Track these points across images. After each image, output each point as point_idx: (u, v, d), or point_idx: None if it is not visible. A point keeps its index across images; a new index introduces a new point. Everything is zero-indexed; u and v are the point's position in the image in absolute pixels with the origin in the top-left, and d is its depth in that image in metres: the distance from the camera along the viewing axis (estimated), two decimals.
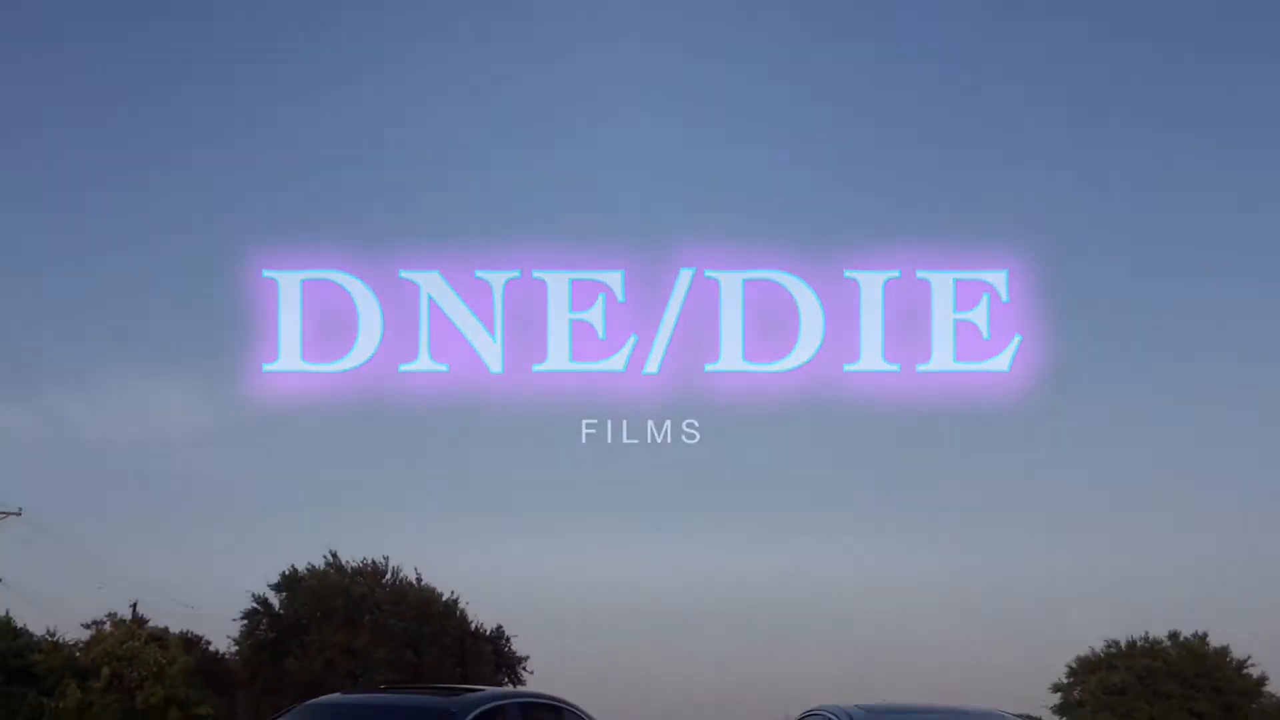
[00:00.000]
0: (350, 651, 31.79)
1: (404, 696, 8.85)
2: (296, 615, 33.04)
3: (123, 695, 20.67)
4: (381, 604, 32.90)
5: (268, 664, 32.38)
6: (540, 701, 9.00)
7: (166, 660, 21.70)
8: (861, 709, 8.11)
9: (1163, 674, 34.50)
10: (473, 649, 33.91)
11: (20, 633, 21.62)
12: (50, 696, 20.29)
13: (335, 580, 33.60)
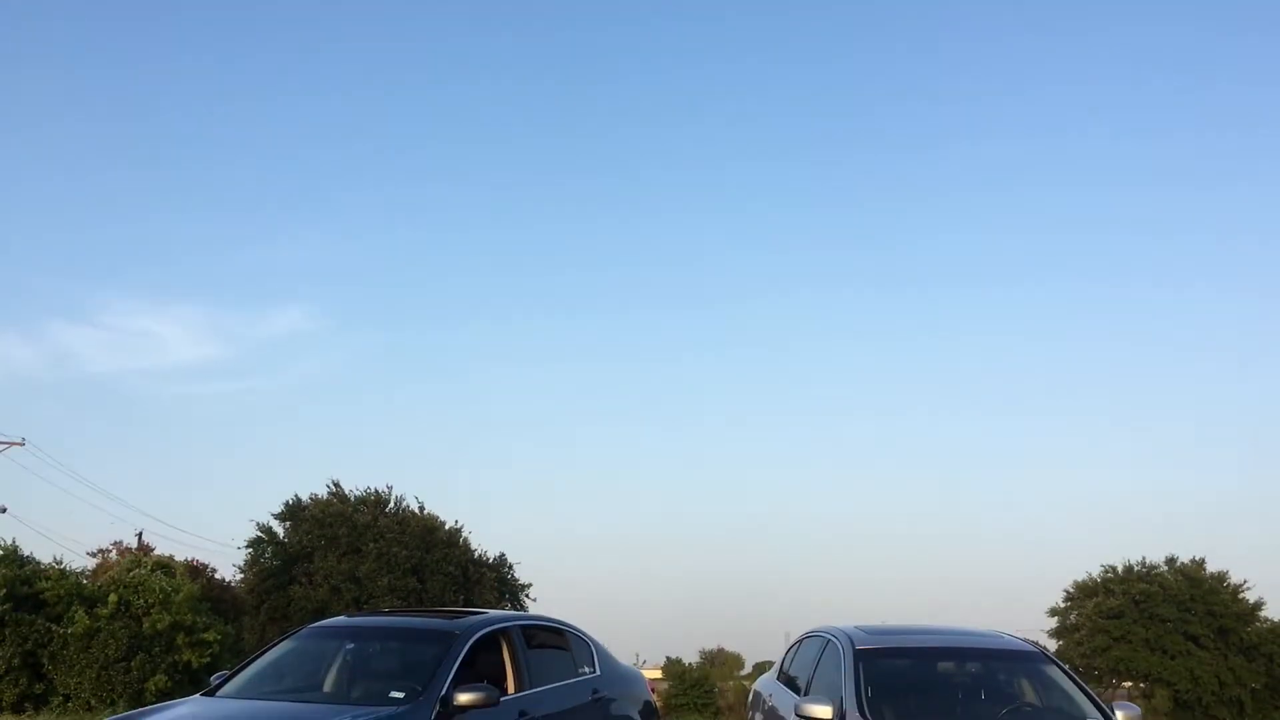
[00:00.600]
0: (354, 579, 32.07)
1: (408, 619, 8.92)
2: (301, 544, 33.30)
3: (130, 622, 20.83)
4: (384, 532, 33.12)
5: (273, 591, 32.70)
6: (542, 624, 9.09)
7: (172, 588, 21.85)
8: (861, 629, 8.17)
9: (1159, 598, 34.84)
10: (475, 576, 34.19)
11: (27, 561, 21.74)
12: (58, 623, 20.45)
13: (338, 509, 33.81)
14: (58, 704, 19.65)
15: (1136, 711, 7.23)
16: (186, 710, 7.05)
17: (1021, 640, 8.25)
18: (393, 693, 7.01)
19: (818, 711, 7.14)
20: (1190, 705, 33.23)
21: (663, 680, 46.38)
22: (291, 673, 7.81)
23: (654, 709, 9.73)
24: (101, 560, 34.43)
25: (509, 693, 7.66)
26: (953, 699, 7.58)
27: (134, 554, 32.68)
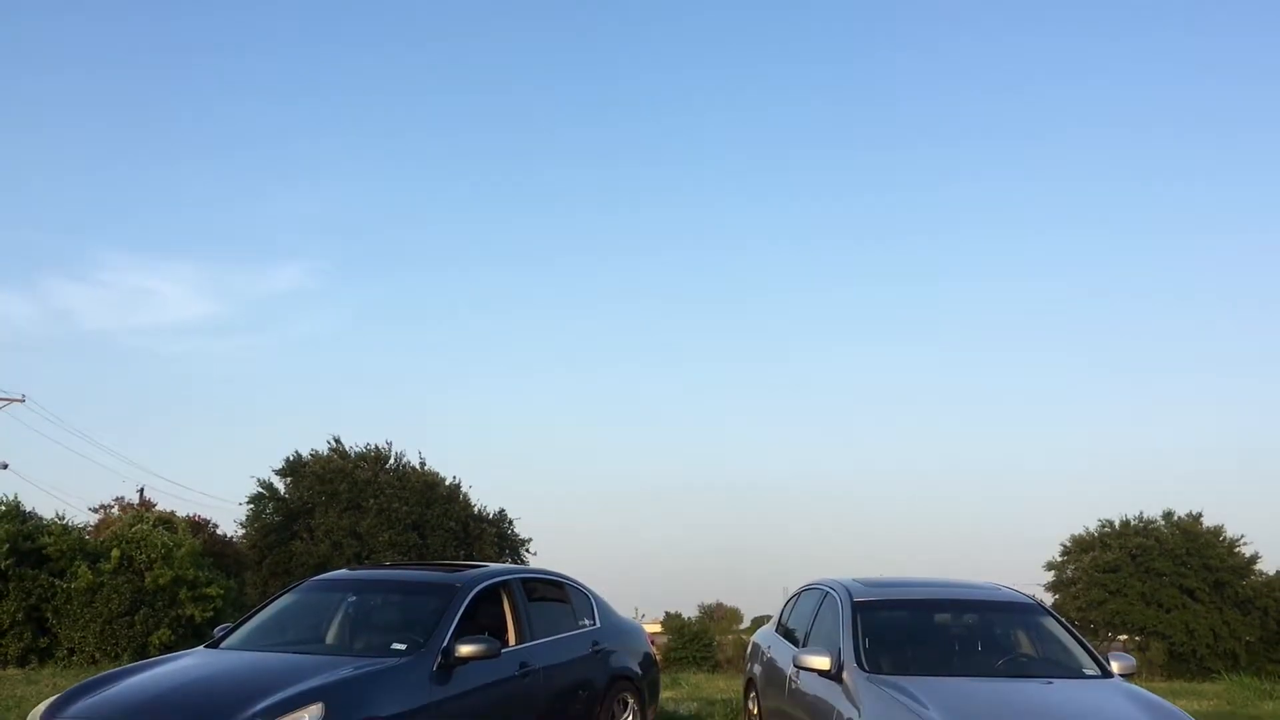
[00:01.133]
0: (355, 534, 32.24)
1: (410, 572, 8.97)
2: (302, 499, 33.44)
3: (133, 576, 20.94)
4: (385, 488, 33.24)
5: (275, 547, 32.88)
6: (542, 577, 9.14)
7: (175, 543, 21.93)
8: (859, 582, 8.22)
9: (1155, 552, 35.04)
10: (476, 531, 34.36)
11: (29, 516, 21.80)
12: (61, 578, 20.56)
13: (339, 465, 33.91)
14: (62, 657, 19.79)
15: (1132, 662, 7.30)
16: (190, 662, 7.11)
17: (1018, 593, 8.31)
18: (395, 644, 7.06)
19: (816, 662, 7.20)
20: (1185, 658, 33.52)
21: (662, 634, 46.79)
22: (294, 625, 7.87)
23: (654, 661, 9.82)
24: (103, 516, 34.61)
25: (510, 645, 7.73)
26: (949, 650, 7.65)
27: (136, 510, 32.81)
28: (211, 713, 5.83)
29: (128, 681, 6.54)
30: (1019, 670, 7.24)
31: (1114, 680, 7.01)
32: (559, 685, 8.09)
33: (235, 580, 26.85)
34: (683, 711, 11.64)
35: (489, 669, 7.25)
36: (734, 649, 42.55)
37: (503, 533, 35.79)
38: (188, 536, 23.58)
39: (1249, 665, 29.05)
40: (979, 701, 6.34)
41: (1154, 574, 34.77)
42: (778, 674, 8.55)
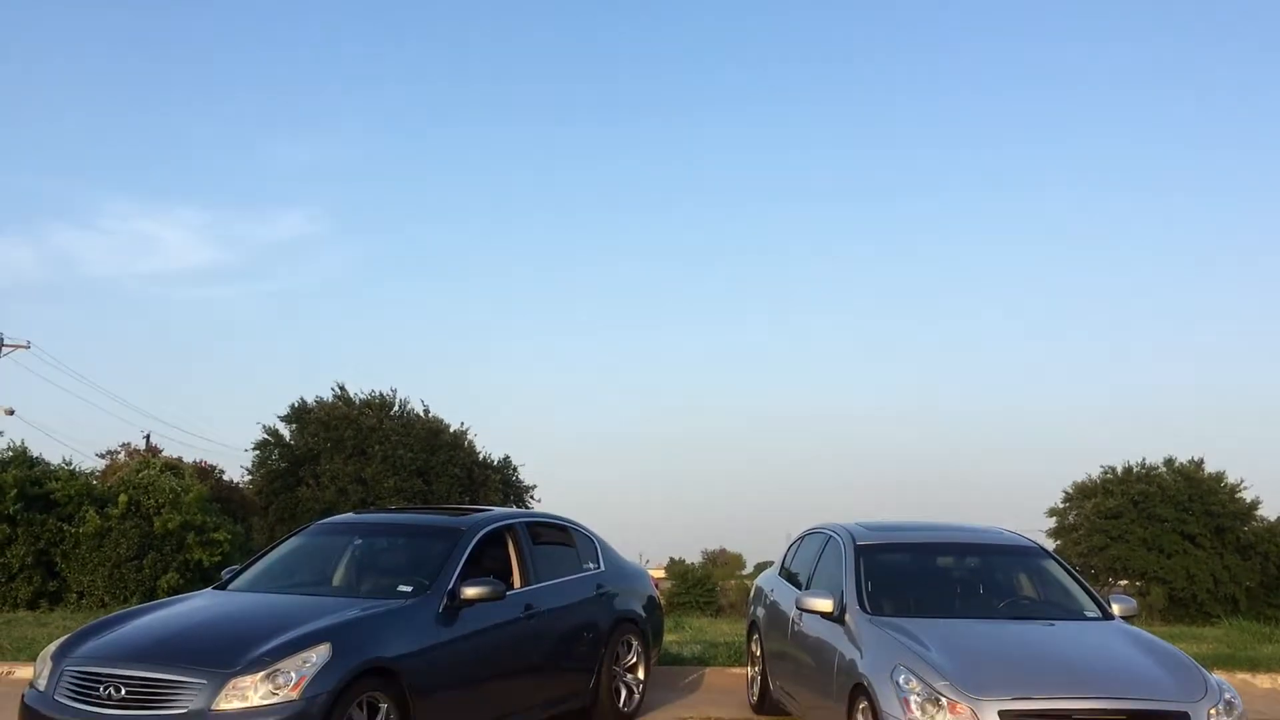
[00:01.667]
0: (361, 480, 32.41)
1: (416, 515, 9.03)
2: (307, 446, 33.59)
3: (140, 521, 21.06)
4: (389, 435, 33.36)
5: (281, 493, 33.09)
6: (547, 520, 9.19)
7: (182, 488, 22.04)
8: (862, 525, 8.26)
9: (1157, 498, 35.14)
10: (480, 478, 34.52)
11: (36, 461, 21.88)
12: (70, 522, 20.68)
13: (343, 412, 34.02)
14: (72, 600, 19.97)
15: (1133, 605, 7.35)
16: (199, 603, 7.18)
17: (1020, 536, 8.34)
18: (401, 587, 7.12)
19: (818, 605, 7.26)
20: (1185, 602, 33.75)
21: (666, 579, 47.14)
22: (301, 567, 7.94)
23: (657, 604, 9.89)
24: (110, 461, 34.75)
25: (515, 587, 7.79)
26: (951, 592, 7.70)
27: (142, 455, 32.95)
28: (220, 652, 5.89)
29: (137, 622, 6.62)
30: (1020, 612, 7.29)
31: (1115, 622, 7.06)
32: (563, 627, 8.17)
33: (242, 526, 27.01)
34: (686, 654, 11.75)
35: (494, 611, 7.31)
36: (737, 594, 42.85)
37: (507, 479, 35.95)
38: (195, 482, 23.70)
39: (1249, 610, 29.22)
40: (980, 643, 6.39)
41: (1156, 520, 34.90)
42: (780, 617, 8.61)
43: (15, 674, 10.46)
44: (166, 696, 5.67)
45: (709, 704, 9.68)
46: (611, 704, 8.63)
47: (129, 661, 5.92)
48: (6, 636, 12.37)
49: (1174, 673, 6.06)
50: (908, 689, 5.83)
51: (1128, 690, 5.75)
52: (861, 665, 6.39)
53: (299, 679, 5.72)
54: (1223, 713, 5.76)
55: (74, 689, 5.89)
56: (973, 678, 5.80)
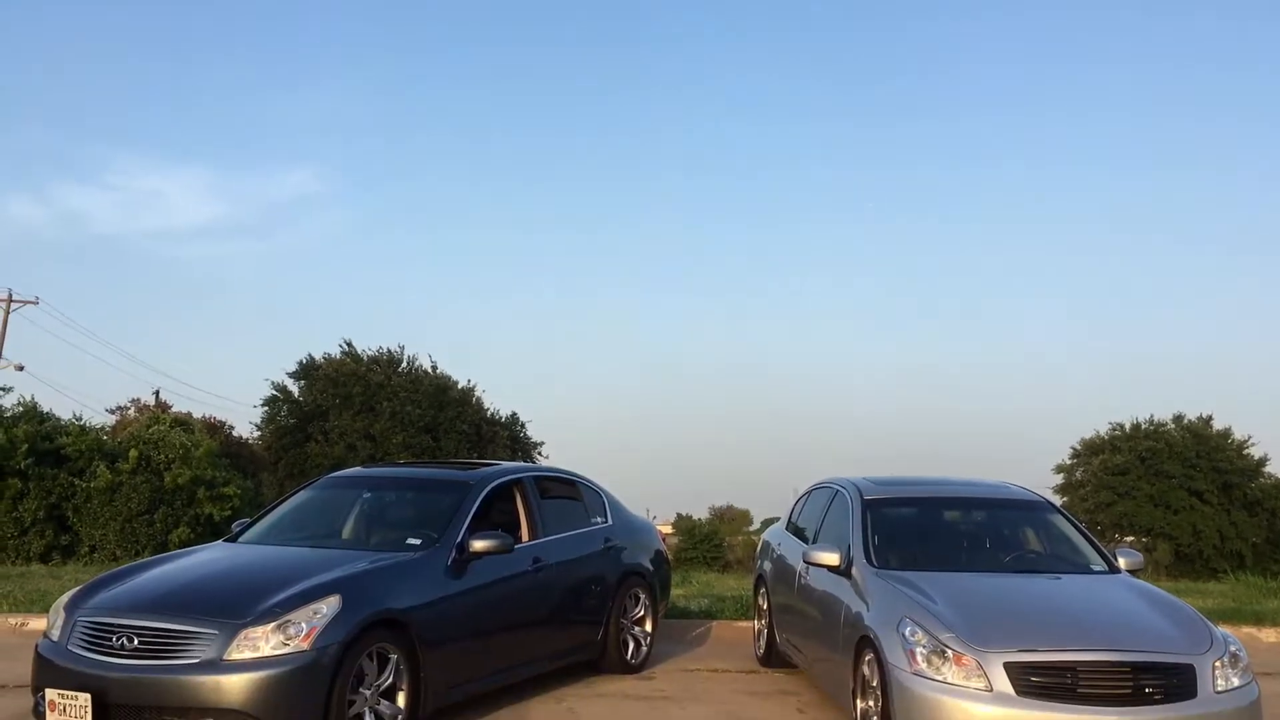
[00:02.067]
0: (370, 437, 32.52)
1: (425, 469, 9.06)
2: (315, 402, 33.67)
3: (151, 476, 21.22)
4: (398, 391, 33.42)
5: (290, 448, 33.22)
6: (555, 475, 9.22)
7: (192, 443, 22.19)
8: (869, 480, 8.26)
9: (1164, 455, 35.14)
10: (489, 434, 34.62)
11: (47, 417, 22.03)
12: (81, 477, 20.85)
13: (351, 368, 34.07)
14: (84, 554, 20.17)
15: (1139, 558, 7.36)
16: (210, 555, 7.23)
17: (1027, 490, 8.34)
18: (410, 539, 7.16)
19: (825, 559, 7.28)
20: (1191, 558, 33.84)
21: (673, 535, 47.38)
22: (310, 520, 7.98)
23: (665, 558, 9.94)
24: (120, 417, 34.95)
25: (523, 541, 7.83)
26: (958, 546, 7.72)
27: (152, 411, 33.12)
28: (232, 604, 5.94)
29: (149, 574, 6.67)
30: (1027, 566, 7.31)
31: (1121, 575, 7.07)
32: (572, 580, 8.22)
33: (252, 481, 27.19)
34: (693, 608, 11.83)
35: (503, 564, 7.36)
36: (744, 549, 43.08)
37: (515, 436, 36.05)
38: (204, 438, 23.86)
39: (1255, 566, 29.30)
40: (986, 596, 6.41)
41: (1163, 476, 34.92)
42: (787, 570, 8.65)
43: (29, 625, 10.57)
44: (179, 647, 5.72)
45: (716, 656, 9.76)
46: (619, 656, 8.70)
47: (141, 612, 5.97)
48: (20, 589, 12.49)
49: (1180, 625, 6.08)
50: (913, 641, 5.86)
51: (1133, 643, 5.77)
52: (867, 618, 6.42)
53: (309, 630, 5.77)
54: (1228, 665, 5.78)
55: (87, 639, 5.94)
56: (978, 630, 5.82)
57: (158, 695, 5.62)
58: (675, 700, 7.93)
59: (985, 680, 5.56)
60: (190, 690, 5.58)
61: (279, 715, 5.60)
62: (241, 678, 5.58)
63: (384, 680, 6.19)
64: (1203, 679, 5.64)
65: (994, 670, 5.57)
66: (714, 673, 9.05)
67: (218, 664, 5.62)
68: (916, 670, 5.76)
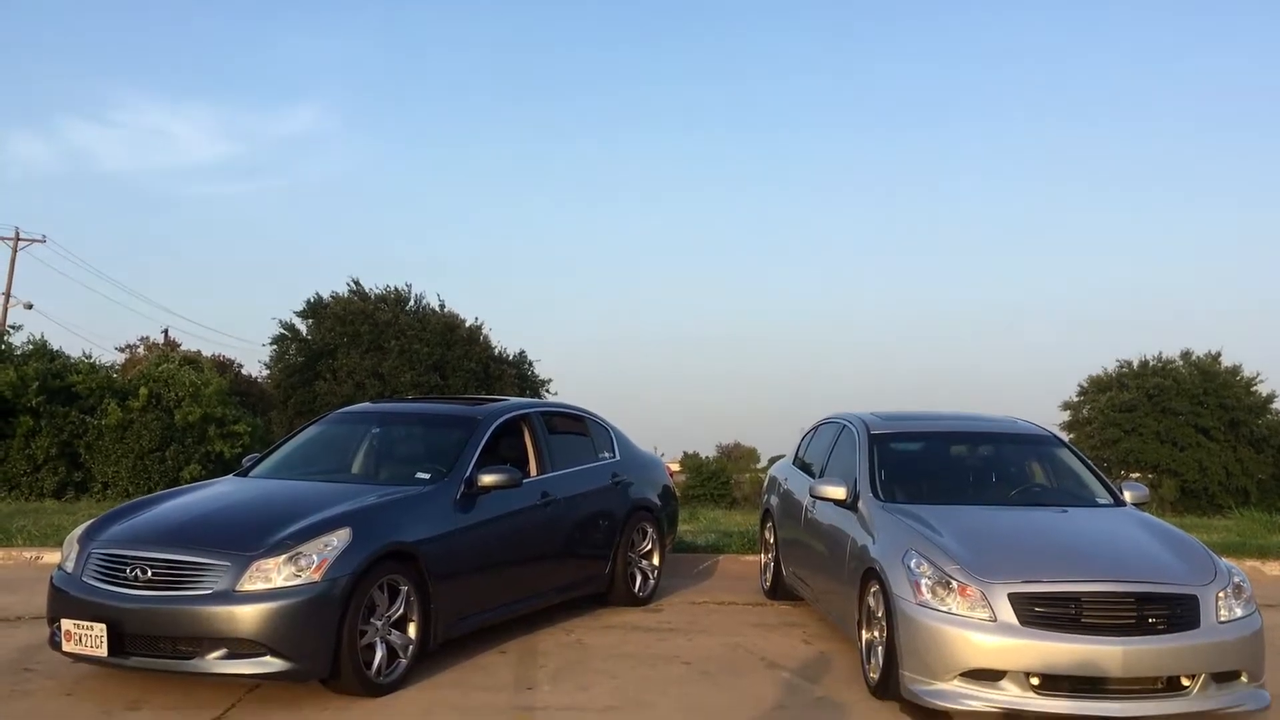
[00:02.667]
0: (378, 375, 32.64)
1: (432, 405, 9.08)
2: (324, 341, 33.76)
3: (161, 414, 21.33)
4: (405, 329, 33.47)
5: (299, 387, 33.38)
6: (562, 410, 9.24)
7: (201, 381, 22.28)
8: (876, 415, 8.27)
9: (1172, 392, 35.17)
10: (496, 372, 34.72)
11: (57, 355, 22.11)
12: (92, 415, 20.96)
13: (359, 307, 34.11)
14: (97, 491, 20.35)
15: (1145, 492, 7.38)
16: (222, 489, 7.28)
17: (1034, 425, 8.35)
18: (419, 474, 7.20)
19: (832, 492, 7.31)
20: (1196, 494, 33.99)
21: (680, 473, 47.61)
22: (320, 455, 8.03)
23: (672, 493, 9.99)
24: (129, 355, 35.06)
25: (531, 475, 7.88)
26: (964, 480, 7.73)
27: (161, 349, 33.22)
28: (244, 536, 5.99)
29: (161, 507, 6.72)
30: (1033, 500, 7.34)
31: (1126, 509, 7.10)
32: (579, 515, 8.28)
33: (262, 419, 27.32)
34: (700, 542, 11.92)
35: (511, 498, 7.41)
36: (751, 487, 43.31)
37: (523, 374, 36.17)
38: (214, 376, 23.93)
39: (1260, 502, 29.42)
40: (992, 528, 6.45)
41: (1170, 413, 34.97)
42: (794, 505, 8.70)
43: (44, 559, 10.70)
44: (192, 578, 5.79)
45: (723, 590, 9.85)
46: (627, 589, 8.79)
47: (154, 544, 6.03)
48: (34, 524, 12.62)
49: (1183, 557, 6.11)
50: (919, 573, 5.91)
51: (1137, 573, 5.80)
52: (873, 550, 6.46)
53: (320, 561, 5.83)
54: (1231, 596, 5.82)
55: (101, 571, 6.01)
56: (983, 561, 5.86)
57: (172, 625, 5.70)
58: (682, 632, 8.02)
59: (989, 611, 5.61)
60: (204, 620, 5.66)
61: (291, 645, 5.68)
62: (254, 608, 5.65)
63: (395, 611, 6.27)
64: (1206, 609, 5.68)
65: (998, 601, 5.62)
66: (720, 605, 9.14)
67: (230, 595, 5.69)
68: (921, 601, 5.81)
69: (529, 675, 6.67)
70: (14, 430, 20.17)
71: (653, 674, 6.74)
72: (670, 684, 6.51)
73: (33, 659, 6.81)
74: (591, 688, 6.40)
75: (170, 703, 5.87)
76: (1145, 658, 5.47)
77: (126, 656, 5.78)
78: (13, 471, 20.11)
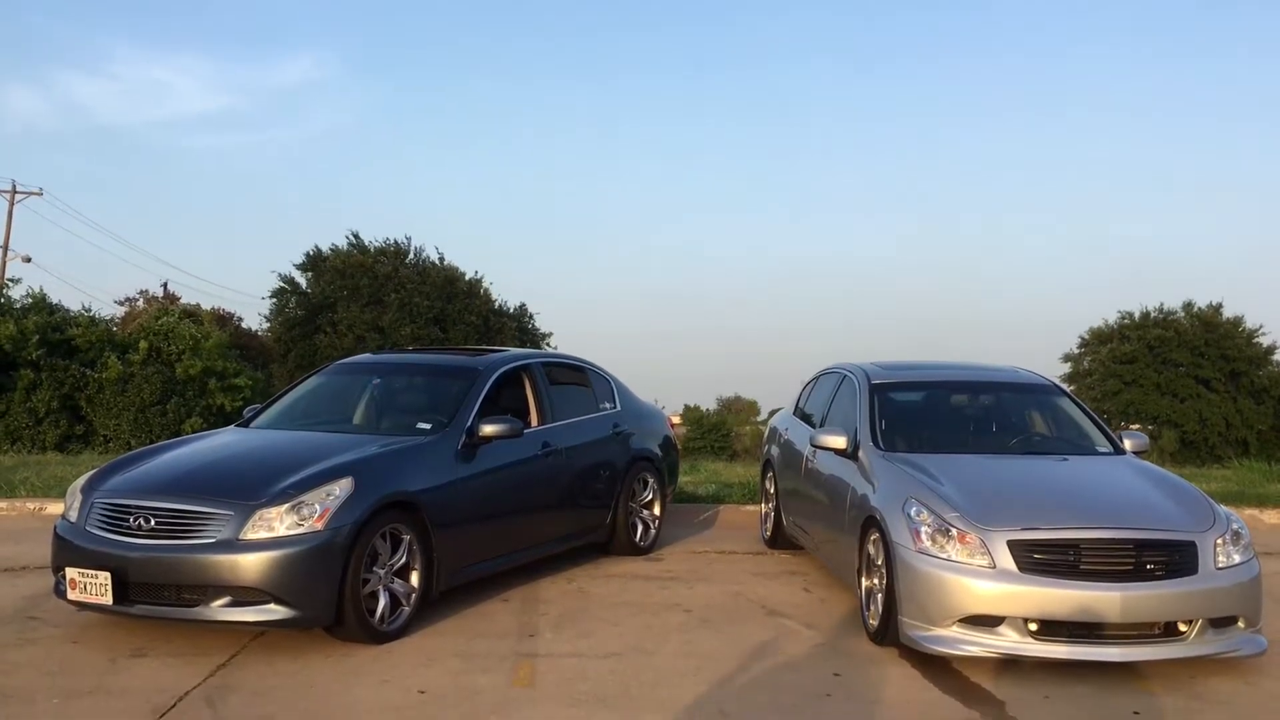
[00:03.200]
0: (378, 328, 32.60)
1: (434, 355, 9.08)
2: (324, 294, 33.68)
3: (162, 367, 21.34)
4: (405, 283, 33.38)
5: (299, 340, 33.34)
6: (563, 361, 9.24)
7: (201, 335, 22.27)
8: (877, 365, 8.28)
9: (1173, 343, 35.14)
10: (497, 325, 34.67)
11: (56, 308, 22.08)
12: (92, 368, 20.97)
13: (359, 260, 33.99)
14: (99, 443, 20.41)
15: (1145, 440, 7.40)
16: (224, 439, 7.30)
17: (1035, 374, 8.35)
18: (420, 424, 7.22)
19: (832, 442, 7.33)
20: (1195, 445, 34.07)
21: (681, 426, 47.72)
22: (321, 406, 8.04)
23: (673, 444, 10.02)
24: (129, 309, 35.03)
25: (532, 426, 7.89)
26: (964, 429, 7.75)
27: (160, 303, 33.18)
28: (246, 486, 6.01)
29: (164, 457, 6.74)
30: (1033, 448, 7.37)
31: (1126, 457, 7.12)
32: (581, 465, 8.30)
33: (262, 373, 27.35)
34: (701, 493, 11.97)
35: (512, 449, 7.43)
36: (751, 439, 43.43)
37: (523, 327, 36.10)
38: (213, 329, 23.95)
39: (1259, 453, 29.50)
40: (991, 476, 6.47)
41: (1170, 365, 34.99)
42: (795, 455, 8.72)
43: (46, 510, 10.76)
44: (195, 527, 5.82)
45: (723, 539, 9.91)
46: (628, 539, 8.84)
47: (158, 494, 6.05)
48: (37, 476, 12.67)
49: (1182, 504, 6.13)
50: (919, 521, 5.93)
51: (1136, 520, 5.83)
52: (874, 499, 6.49)
53: (323, 511, 5.85)
54: (1229, 542, 5.85)
55: (105, 520, 6.04)
56: (983, 509, 5.88)
57: (176, 573, 5.73)
58: (683, 580, 8.08)
59: (989, 558, 5.64)
60: (208, 568, 5.69)
61: (294, 593, 5.71)
62: (257, 556, 5.68)
63: (397, 560, 6.30)
64: (1204, 555, 5.71)
65: (997, 548, 5.65)
66: (721, 554, 9.19)
67: (234, 543, 5.71)
68: (921, 549, 5.84)
69: (531, 623, 6.72)
70: (15, 384, 20.20)
71: (654, 621, 6.79)
72: (671, 631, 6.56)
73: (39, 607, 6.86)
74: (593, 635, 6.45)
75: (175, 650, 5.92)
76: (1143, 603, 5.51)
77: (131, 604, 5.83)
78: (14, 425, 20.16)
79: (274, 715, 4.93)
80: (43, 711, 4.95)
